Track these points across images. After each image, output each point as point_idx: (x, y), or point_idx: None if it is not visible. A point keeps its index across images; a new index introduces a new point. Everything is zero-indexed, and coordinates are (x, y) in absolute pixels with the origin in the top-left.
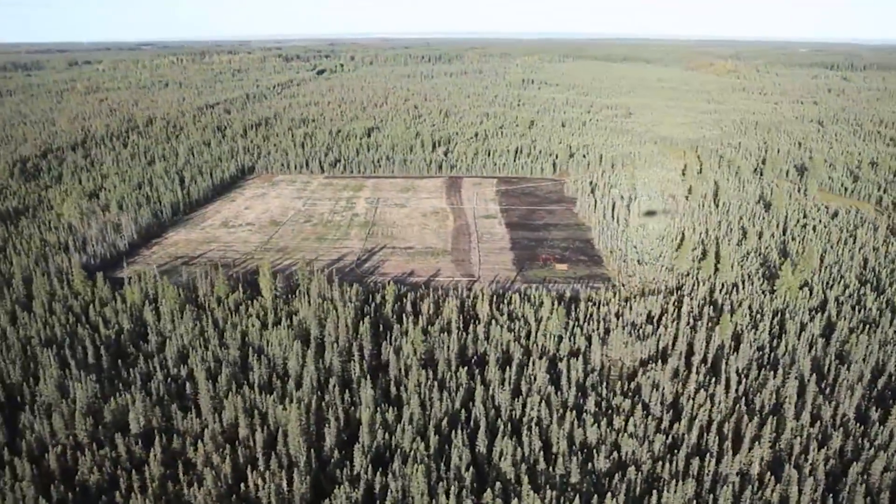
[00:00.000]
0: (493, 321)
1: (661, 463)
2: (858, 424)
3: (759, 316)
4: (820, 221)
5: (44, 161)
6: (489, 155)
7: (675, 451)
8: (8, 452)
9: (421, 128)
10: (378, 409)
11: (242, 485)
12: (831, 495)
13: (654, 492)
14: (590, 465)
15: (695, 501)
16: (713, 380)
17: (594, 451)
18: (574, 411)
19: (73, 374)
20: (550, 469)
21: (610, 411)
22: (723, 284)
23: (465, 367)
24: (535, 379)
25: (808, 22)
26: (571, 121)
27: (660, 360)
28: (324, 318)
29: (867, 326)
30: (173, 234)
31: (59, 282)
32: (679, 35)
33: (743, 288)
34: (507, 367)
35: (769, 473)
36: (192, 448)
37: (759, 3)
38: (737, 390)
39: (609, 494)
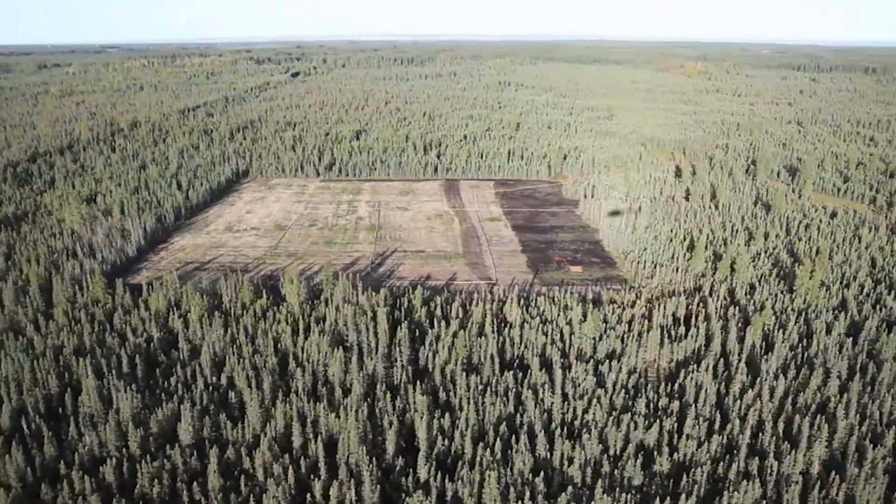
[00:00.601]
0: (526, 324)
1: (721, 464)
2: None
3: (783, 316)
4: (821, 221)
5: (33, 165)
6: (482, 157)
7: (734, 451)
8: (64, 466)
9: (408, 130)
10: (432, 414)
11: (308, 495)
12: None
13: (724, 493)
14: (652, 467)
15: (764, 502)
16: (756, 379)
17: (653, 452)
18: (626, 413)
19: (113, 384)
20: (615, 472)
21: (659, 413)
22: (739, 285)
23: (511, 371)
24: (579, 381)
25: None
26: (556, 123)
27: (697, 362)
28: (359, 324)
29: (890, 326)
30: (178, 240)
31: (77, 289)
32: (642, 37)
33: (760, 288)
34: (550, 370)
35: (834, 473)
36: (247, 458)
37: (720, 5)
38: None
39: (682, 496)
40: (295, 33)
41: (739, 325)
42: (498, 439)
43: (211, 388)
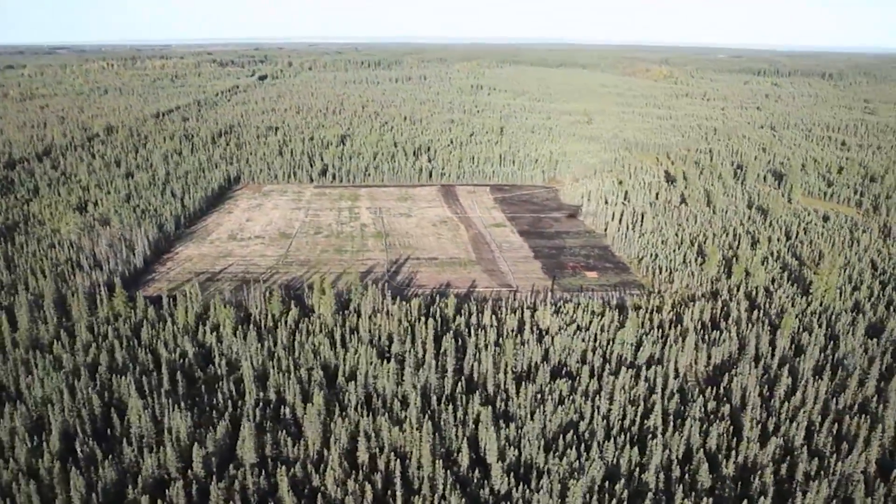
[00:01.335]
0: (562, 331)
1: (782, 465)
2: None
3: (805, 318)
4: (816, 225)
5: (12, 172)
6: (473, 161)
7: (793, 452)
8: (131, 489)
9: (392, 135)
10: (497, 425)
11: None
12: None
13: (794, 494)
14: (719, 470)
15: (834, 502)
16: (794, 381)
17: (716, 456)
18: (681, 418)
19: (160, 403)
20: (685, 477)
21: (712, 416)
22: (755, 289)
23: (562, 378)
24: (627, 387)
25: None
26: (538, 127)
27: (732, 365)
28: (402, 334)
29: None
30: (182, 249)
31: (92, 303)
32: (602, 40)
33: (777, 292)
34: (599, 377)
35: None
36: (316, 475)
37: (674, 9)
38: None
39: (754, 498)
40: (251, 35)
41: (768, 328)
42: (567, 448)
43: (261, 403)
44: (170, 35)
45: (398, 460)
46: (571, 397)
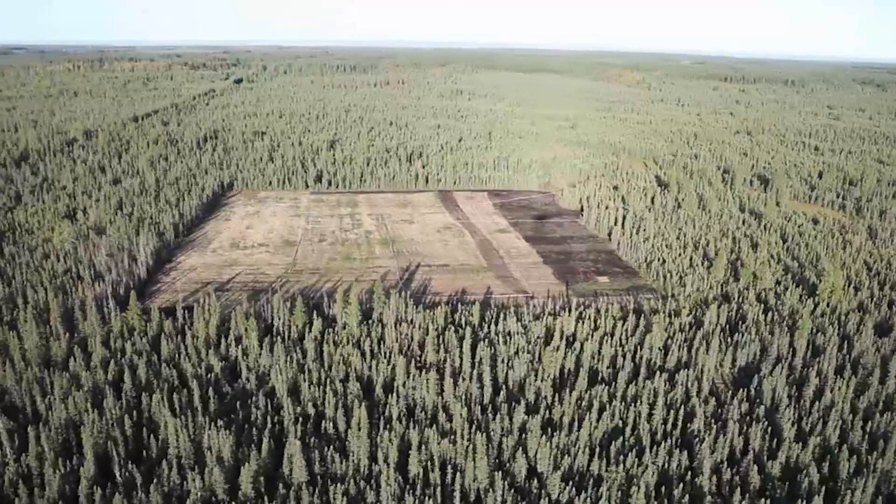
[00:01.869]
0: (589, 337)
1: (823, 464)
2: None
3: (816, 319)
4: (808, 228)
5: None
6: (467, 167)
7: (833, 450)
8: None
9: (381, 141)
10: (544, 432)
11: None
12: None
13: (841, 492)
14: (764, 471)
15: (880, 499)
16: (823, 381)
17: (761, 456)
18: (720, 420)
19: (194, 422)
20: (734, 478)
21: (748, 418)
22: (763, 291)
23: (600, 384)
24: (660, 391)
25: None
26: (525, 133)
27: (757, 367)
28: (436, 343)
29: None
30: (185, 258)
31: (102, 316)
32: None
33: (786, 294)
34: (635, 382)
35: None
36: (371, 491)
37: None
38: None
39: (817, 498)
40: (217, 38)
41: (786, 330)
42: (619, 454)
43: (300, 418)
44: (133, 37)
45: (454, 473)
46: (612, 403)
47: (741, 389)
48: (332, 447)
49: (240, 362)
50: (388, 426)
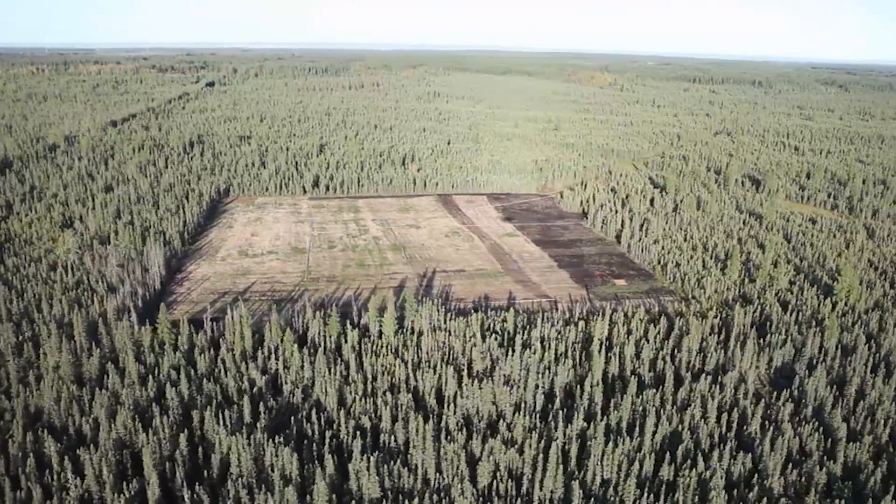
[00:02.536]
0: (625, 341)
1: (882, 463)
2: None
3: (841, 318)
4: (808, 228)
5: None
6: (461, 170)
7: (890, 449)
8: None
9: (370, 144)
10: (607, 438)
11: None
12: None
13: None
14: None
15: None
16: (863, 380)
17: (823, 457)
18: (774, 422)
19: (257, 438)
20: (801, 479)
21: (798, 418)
22: (779, 292)
23: (651, 389)
24: (706, 393)
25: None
26: (510, 135)
27: (792, 367)
28: (485, 351)
29: None
30: (194, 268)
31: (127, 330)
32: (533, 48)
33: (804, 294)
34: (680, 385)
35: None
36: None
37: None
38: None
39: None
40: (179, 40)
41: (814, 330)
42: (685, 458)
43: (357, 432)
44: (91, 39)
45: (528, 483)
46: (664, 407)
47: (784, 390)
48: (399, 461)
49: (280, 375)
50: (449, 437)
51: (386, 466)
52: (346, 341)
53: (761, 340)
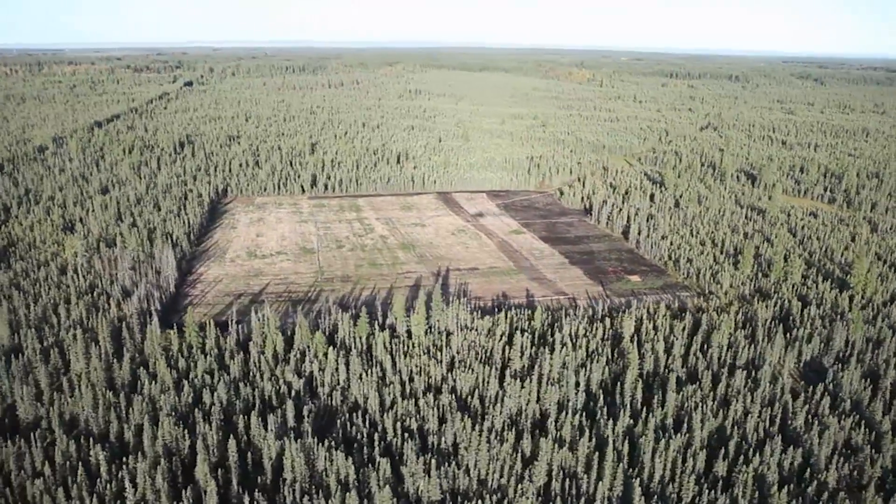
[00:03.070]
0: (654, 338)
1: None
2: None
3: (861, 311)
4: (811, 222)
5: None
6: (457, 167)
7: None
8: None
9: (361, 142)
10: (658, 435)
11: None
12: None
13: None
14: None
15: None
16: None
17: (871, 452)
18: (816, 416)
19: (307, 443)
20: (854, 473)
21: (837, 412)
22: (794, 286)
23: (690, 385)
24: (743, 388)
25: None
26: (499, 132)
27: (820, 361)
28: (522, 349)
29: None
30: (204, 269)
31: (154, 334)
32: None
33: (816, 287)
34: (717, 382)
35: None
36: None
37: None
38: None
39: None
40: (149, 39)
41: (842, 323)
42: (737, 454)
43: (405, 434)
44: (61, 39)
45: (586, 481)
46: (705, 403)
47: (818, 384)
48: (455, 462)
49: (315, 377)
50: (499, 437)
51: (441, 469)
52: (375, 342)
53: (787, 335)
